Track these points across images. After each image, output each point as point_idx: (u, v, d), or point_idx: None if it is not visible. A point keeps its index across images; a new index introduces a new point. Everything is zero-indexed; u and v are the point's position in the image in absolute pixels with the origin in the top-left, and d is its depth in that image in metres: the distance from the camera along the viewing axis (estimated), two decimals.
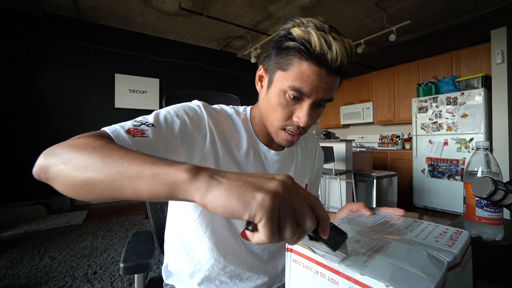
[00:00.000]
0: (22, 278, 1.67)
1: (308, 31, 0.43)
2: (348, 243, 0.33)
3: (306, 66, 0.44)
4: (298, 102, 0.48)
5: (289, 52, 0.46)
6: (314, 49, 0.43)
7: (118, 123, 0.44)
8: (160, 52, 4.27)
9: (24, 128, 3.35)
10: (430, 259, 0.29)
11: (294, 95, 0.47)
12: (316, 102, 0.48)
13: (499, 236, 0.60)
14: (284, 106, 0.49)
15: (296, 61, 0.45)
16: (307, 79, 0.45)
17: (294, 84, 0.46)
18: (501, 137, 3.03)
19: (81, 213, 3.20)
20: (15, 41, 3.28)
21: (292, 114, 0.49)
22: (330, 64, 0.44)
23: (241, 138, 0.56)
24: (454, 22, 3.76)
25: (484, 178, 0.53)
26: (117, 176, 0.27)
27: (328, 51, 0.43)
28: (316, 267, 0.30)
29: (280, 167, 0.60)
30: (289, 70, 0.46)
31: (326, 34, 0.43)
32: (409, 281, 0.25)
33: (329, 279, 0.29)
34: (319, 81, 0.45)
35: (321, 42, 0.42)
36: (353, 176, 2.92)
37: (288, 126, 0.51)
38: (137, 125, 0.42)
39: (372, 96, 4.82)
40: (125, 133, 0.39)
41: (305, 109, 0.48)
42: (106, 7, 3.42)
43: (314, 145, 0.73)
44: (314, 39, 0.43)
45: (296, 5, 3.38)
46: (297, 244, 0.33)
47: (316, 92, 0.46)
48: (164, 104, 0.88)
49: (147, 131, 0.42)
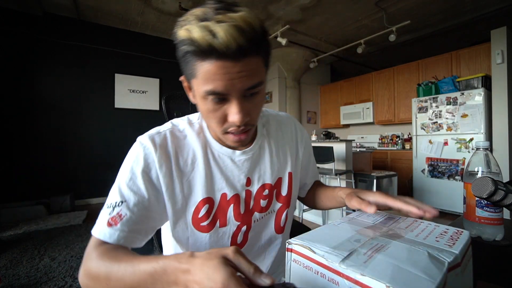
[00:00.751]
0: (22, 278, 1.67)
1: (188, 28, 0.39)
2: (349, 243, 0.33)
3: (208, 65, 0.39)
4: (224, 102, 0.43)
5: (186, 57, 0.41)
6: (201, 44, 0.38)
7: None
8: (160, 52, 4.27)
9: (24, 128, 3.35)
10: (430, 259, 0.29)
11: (215, 98, 0.42)
12: (241, 94, 0.43)
13: (499, 236, 0.60)
14: (213, 112, 0.44)
15: (197, 64, 0.40)
16: (215, 77, 0.40)
17: (206, 88, 0.41)
18: (501, 137, 3.03)
19: (81, 213, 3.21)
20: (15, 41, 3.29)
21: (225, 115, 0.45)
22: (225, 52, 0.38)
23: (195, 152, 0.52)
24: (454, 22, 3.76)
25: (484, 178, 0.53)
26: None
27: (214, 40, 0.37)
28: (316, 267, 0.30)
29: (251, 165, 0.57)
30: (197, 75, 0.41)
31: (209, 22, 0.37)
32: (410, 281, 0.25)
33: (330, 279, 0.29)
34: (228, 74, 0.40)
35: (203, 35, 0.37)
36: (353, 176, 2.91)
37: (228, 128, 0.46)
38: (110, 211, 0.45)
39: (372, 96, 4.82)
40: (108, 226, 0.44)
41: (234, 107, 0.43)
42: (106, 7, 3.42)
43: (292, 127, 0.67)
44: (195, 34, 0.38)
45: (296, 5, 3.38)
46: (297, 244, 0.33)
47: (233, 86, 0.41)
48: (164, 104, 0.88)
49: (121, 210, 0.45)
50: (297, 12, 3.55)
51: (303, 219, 2.74)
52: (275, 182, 0.60)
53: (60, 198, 3.30)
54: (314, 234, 0.36)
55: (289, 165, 0.63)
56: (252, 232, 0.57)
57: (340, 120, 5.40)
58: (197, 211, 0.51)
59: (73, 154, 3.64)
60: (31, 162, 3.38)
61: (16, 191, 3.28)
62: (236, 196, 0.54)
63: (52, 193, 3.37)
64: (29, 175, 3.37)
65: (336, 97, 5.51)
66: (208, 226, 0.52)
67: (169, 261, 0.33)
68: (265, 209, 0.58)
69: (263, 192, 0.57)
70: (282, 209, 0.61)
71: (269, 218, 0.60)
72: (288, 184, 0.62)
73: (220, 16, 0.38)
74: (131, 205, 0.45)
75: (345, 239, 0.34)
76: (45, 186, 3.44)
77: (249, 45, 0.39)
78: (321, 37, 4.33)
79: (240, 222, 0.54)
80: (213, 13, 0.38)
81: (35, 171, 3.40)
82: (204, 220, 0.51)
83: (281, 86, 5.08)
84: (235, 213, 0.54)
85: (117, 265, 0.38)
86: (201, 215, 0.51)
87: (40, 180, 3.42)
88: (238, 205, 0.54)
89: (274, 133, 0.63)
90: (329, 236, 0.35)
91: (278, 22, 3.83)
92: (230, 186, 0.53)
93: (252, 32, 0.39)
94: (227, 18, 0.37)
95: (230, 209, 0.53)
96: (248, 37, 0.38)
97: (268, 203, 0.58)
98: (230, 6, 0.40)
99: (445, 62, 3.79)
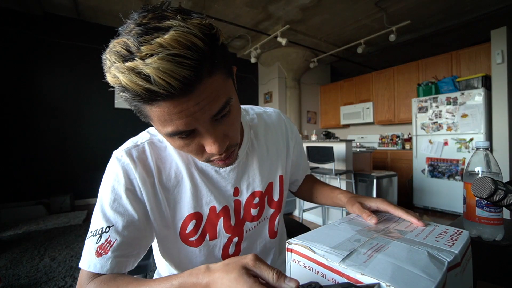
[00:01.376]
0: (22, 278, 1.67)
1: (114, 74, 0.31)
2: (349, 243, 0.33)
3: (157, 110, 0.33)
4: (195, 135, 0.37)
5: (130, 103, 0.35)
6: (136, 92, 0.31)
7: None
8: None
9: (24, 128, 3.35)
10: (430, 258, 0.29)
11: (181, 137, 0.37)
12: (210, 123, 0.36)
13: (499, 236, 0.60)
14: (187, 146, 0.39)
15: (146, 109, 0.34)
16: (171, 118, 0.33)
17: (167, 131, 0.35)
18: (501, 137, 3.03)
19: (81, 213, 3.21)
20: (15, 41, 3.28)
21: (201, 146, 0.39)
22: (170, 91, 0.30)
23: (177, 165, 0.48)
24: (454, 22, 3.76)
25: (484, 178, 0.53)
26: None
27: (150, 85, 0.29)
28: (317, 267, 0.30)
29: (238, 174, 0.53)
30: (151, 119, 0.36)
31: (135, 60, 0.29)
32: (410, 280, 0.25)
33: (330, 279, 0.29)
34: (184, 110, 0.33)
35: (133, 80, 0.29)
36: (353, 176, 2.91)
37: (210, 157, 0.42)
38: (97, 239, 0.40)
39: (372, 96, 4.82)
40: (98, 256, 0.39)
41: (207, 138, 0.37)
42: (106, 7, 3.42)
43: (282, 124, 0.64)
44: (124, 82, 0.30)
45: (296, 5, 3.39)
46: (297, 244, 0.33)
47: (196, 120, 0.34)
48: None
49: (109, 236, 0.40)
50: (297, 12, 3.55)
51: (303, 219, 2.74)
52: (265, 188, 0.57)
53: (60, 198, 3.30)
54: (314, 234, 0.36)
55: (280, 167, 0.60)
56: (245, 242, 0.55)
57: (340, 120, 5.40)
58: (184, 226, 0.48)
59: (73, 154, 3.64)
60: (31, 162, 3.38)
61: (16, 191, 3.29)
62: (226, 208, 0.51)
63: (52, 193, 3.38)
64: (29, 175, 3.37)
65: (336, 97, 5.51)
66: (197, 241, 0.49)
67: (185, 279, 0.32)
68: (256, 218, 0.56)
69: (253, 200, 0.55)
70: (275, 215, 0.59)
71: (263, 226, 0.58)
72: (280, 187, 0.59)
73: (145, 48, 0.29)
74: (120, 228, 0.41)
75: (345, 239, 0.34)
76: (45, 186, 3.44)
77: (196, 71, 0.31)
78: (321, 37, 4.33)
79: (231, 234, 0.52)
80: (137, 45, 0.30)
81: (35, 171, 3.40)
82: (192, 235, 0.49)
83: (281, 86, 5.08)
84: (225, 226, 0.51)
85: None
86: (189, 231, 0.48)
87: (40, 180, 3.42)
88: (228, 217, 0.51)
89: (262, 134, 0.59)
90: (329, 236, 0.35)
91: (278, 22, 3.83)
92: (218, 198, 0.50)
93: (195, 52, 0.30)
94: (155, 48, 0.29)
95: (220, 222, 0.51)
96: (192, 62, 0.30)
97: (259, 211, 0.56)
98: (156, 23, 0.31)
99: (445, 62, 3.79)
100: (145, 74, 0.29)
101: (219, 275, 0.29)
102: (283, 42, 3.65)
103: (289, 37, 3.92)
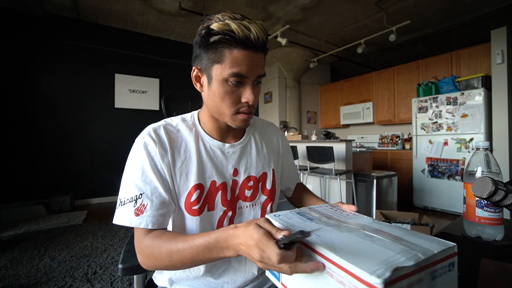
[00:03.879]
0: (22, 278, 1.67)
1: (226, 23, 0.49)
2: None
3: (237, 52, 0.50)
4: (240, 86, 0.54)
5: (217, 45, 0.50)
6: (238, 35, 0.49)
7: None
8: (160, 52, 4.27)
9: (24, 128, 3.36)
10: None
11: (236, 81, 0.52)
12: (254, 80, 0.54)
13: (499, 236, 0.60)
14: (230, 93, 0.54)
15: (227, 51, 0.50)
16: (242, 62, 0.50)
17: (232, 71, 0.51)
18: (501, 137, 3.03)
19: (81, 213, 3.21)
20: (15, 41, 3.29)
21: (239, 97, 0.55)
22: (254, 44, 0.50)
23: (187, 144, 0.60)
24: (454, 22, 3.76)
25: (484, 178, 0.53)
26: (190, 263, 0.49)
27: (249, 34, 0.49)
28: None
29: (239, 158, 0.65)
30: (224, 61, 0.51)
31: (242, 21, 0.50)
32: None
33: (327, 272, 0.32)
34: (251, 61, 0.51)
35: (241, 28, 0.48)
36: (353, 176, 2.91)
37: (241, 108, 0.56)
38: (133, 204, 0.53)
39: (372, 96, 4.82)
40: (136, 216, 0.52)
41: (250, 89, 0.54)
42: (106, 7, 3.43)
43: (276, 133, 0.77)
44: (234, 27, 0.48)
45: (296, 5, 3.39)
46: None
47: (253, 71, 0.52)
48: (163, 104, 0.88)
49: (143, 201, 0.53)
50: (297, 12, 3.55)
51: None
52: (260, 176, 0.67)
53: (60, 198, 3.30)
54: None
55: (272, 162, 0.71)
56: (237, 219, 0.63)
57: (340, 120, 5.40)
58: (190, 196, 0.57)
59: (73, 154, 3.64)
60: (31, 162, 3.38)
61: (16, 191, 3.29)
62: (224, 184, 0.61)
63: (52, 193, 3.38)
64: (29, 175, 3.37)
65: (336, 97, 5.51)
66: (199, 210, 0.58)
67: (220, 234, 0.44)
68: (250, 199, 0.64)
69: (248, 183, 0.64)
70: (267, 202, 0.67)
71: (256, 210, 0.66)
72: (272, 179, 0.69)
73: (248, 21, 0.51)
74: (149, 195, 0.53)
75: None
76: (45, 186, 3.44)
77: (266, 43, 0.52)
78: (321, 37, 4.33)
79: (226, 208, 0.61)
80: (241, 18, 0.51)
81: (35, 171, 3.40)
82: (195, 204, 0.57)
83: (281, 86, 5.08)
84: (222, 199, 0.60)
85: (175, 243, 0.48)
86: (193, 200, 0.57)
87: (40, 180, 3.42)
88: (226, 192, 0.61)
89: (260, 134, 0.72)
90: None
91: (278, 22, 3.83)
92: (219, 174, 0.60)
93: (267, 34, 0.53)
94: (253, 22, 0.51)
95: (218, 195, 0.60)
96: (266, 37, 0.52)
97: (253, 193, 0.65)
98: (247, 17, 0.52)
99: (445, 62, 3.79)
100: (249, 27, 0.49)
101: (242, 229, 0.41)
102: (283, 42, 3.65)
103: (289, 37, 3.92)
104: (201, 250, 0.45)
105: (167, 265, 0.50)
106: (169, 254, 0.48)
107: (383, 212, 2.33)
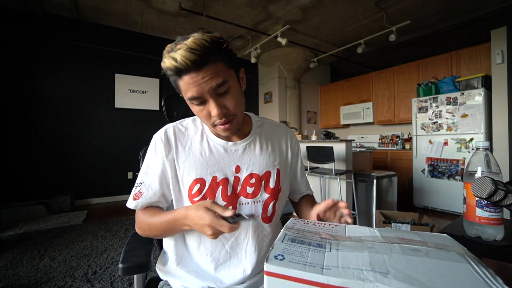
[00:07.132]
0: (22, 278, 1.67)
1: (164, 60, 0.55)
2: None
3: (181, 81, 0.55)
4: (205, 103, 0.58)
5: (171, 80, 0.58)
6: (173, 69, 0.53)
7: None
8: (160, 52, 4.17)
9: (24, 127, 3.35)
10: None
11: (196, 102, 0.57)
12: (214, 94, 0.56)
13: (499, 236, 0.60)
14: (199, 112, 0.59)
15: (178, 81, 0.56)
16: (189, 86, 0.54)
17: (187, 96, 0.56)
18: (501, 137, 3.02)
19: (81, 213, 3.21)
20: (15, 41, 3.28)
21: (209, 112, 0.58)
22: (186, 67, 0.52)
23: (193, 141, 0.67)
24: (454, 22, 3.76)
25: (484, 178, 0.53)
26: (163, 233, 0.64)
27: (176, 64, 0.52)
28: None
29: (241, 155, 0.68)
30: (180, 89, 0.58)
31: (173, 51, 0.52)
32: None
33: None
34: (197, 81, 0.53)
35: (170, 62, 0.52)
36: (353, 176, 2.91)
37: (214, 121, 0.59)
38: (135, 190, 0.66)
39: (372, 96, 4.82)
40: (133, 200, 0.65)
41: (211, 104, 0.57)
42: (106, 7, 3.42)
43: (284, 133, 0.78)
44: (168, 62, 0.53)
45: (296, 5, 3.38)
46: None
47: (202, 89, 0.54)
48: (163, 104, 0.88)
49: (141, 189, 0.65)
50: (297, 12, 3.55)
51: None
52: (262, 174, 0.68)
53: (60, 198, 3.30)
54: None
55: (277, 161, 0.72)
56: None
57: (340, 120, 5.40)
58: (191, 188, 0.63)
59: (73, 154, 3.64)
60: (31, 162, 3.38)
61: (16, 191, 3.28)
62: (225, 180, 0.65)
63: (52, 193, 3.37)
64: (29, 175, 3.37)
65: (336, 97, 5.51)
66: (199, 202, 0.61)
67: (176, 213, 0.57)
68: (251, 196, 0.66)
69: (250, 180, 0.67)
70: (269, 200, 0.68)
71: (257, 207, 0.67)
72: (276, 178, 0.69)
73: (178, 45, 0.52)
74: (147, 185, 0.65)
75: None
76: (45, 186, 3.44)
77: (202, 57, 0.52)
78: (321, 37, 4.33)
79: (226, 203, 0.64)
80: (175, 45, 0.53)
81: (35, 171, 3.40)
82: (196, 196, 0.63)
83: (281, 86, 5.08)
84: (222, 194, 0.64)
85: (152, 218, 0.62)
86: (194, 192, 0.63)
87: (40, 180, 3.42)
88: (226, 188, 0.64)
89: (267, 134, 0.74)
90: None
91: (278, 22, 3.83)
92: (220, 170, 0.65)
93: (202, 47, 0.51)
94: (182, 45, 0.51)
95: (218, 190, 0.64)
96: (199, 52, 0.51)
97: (255, 191, 0.66)
98: (188, 34, 0.54)
99: (445, 62, 3.79)
100: (175, 58, 0.52)
101: (194, 211, 0.52)
102: (283, 42, 3.65)
103: (289, 37, 3.92)
104: (166, 225, 0.59)
105: (148, 234, 0.64)
106: (148, 226, 0.62)
107: (383, 212, 2.33)
